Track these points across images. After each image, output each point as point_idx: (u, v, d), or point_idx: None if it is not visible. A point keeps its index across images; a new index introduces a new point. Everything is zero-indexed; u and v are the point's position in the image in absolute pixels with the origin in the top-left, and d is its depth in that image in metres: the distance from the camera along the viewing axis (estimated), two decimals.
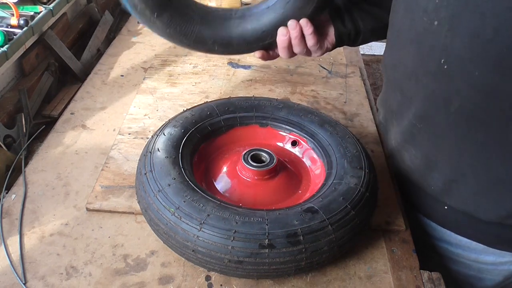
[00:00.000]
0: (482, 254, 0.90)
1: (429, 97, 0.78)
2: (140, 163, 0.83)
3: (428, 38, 0.74)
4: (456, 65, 0.71)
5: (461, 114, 0.74)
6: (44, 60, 1.25)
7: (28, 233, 0.82)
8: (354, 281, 0.77)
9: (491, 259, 0.90)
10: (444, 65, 0.72)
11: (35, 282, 0.74)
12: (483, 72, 0.68)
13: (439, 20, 0.71)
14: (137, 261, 0.78)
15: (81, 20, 1.49)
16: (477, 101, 0.71)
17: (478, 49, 0.67)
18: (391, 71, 0.87)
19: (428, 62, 0.75)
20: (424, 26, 0.74)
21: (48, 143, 1.02)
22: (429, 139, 0.83)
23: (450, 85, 0.73)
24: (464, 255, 0.92)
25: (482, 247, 0.88)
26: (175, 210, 0.71)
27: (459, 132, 0.77)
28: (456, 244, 0.91)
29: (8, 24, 1.11)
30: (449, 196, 0.85)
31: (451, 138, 0.79)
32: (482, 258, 0.90)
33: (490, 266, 0.91)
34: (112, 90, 1.22)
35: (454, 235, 0.90)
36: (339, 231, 0.72)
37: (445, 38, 0.71)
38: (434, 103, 0.78)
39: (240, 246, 0.68)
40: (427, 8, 0.72)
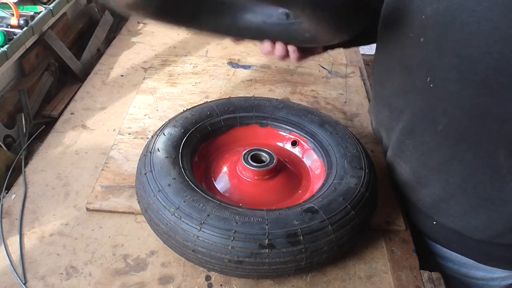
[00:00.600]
0: (473, 269, 0.88)
1: (416, 114, 0.77)
2: (140, 163, 0.83)
3: (415, 55, 0.71)
4: (442, 85, 0.69)
5: (448, 134, 0.73)
6: (44, 60, 1.25)
7: (28, 233, 0.82)
8: (354, 281, 0.77)
9: (481, 274, 0.88)
10: (430, 84, 0.70)
11: (35, 282, 0.74)
12: (470, 94, 0.66)
13: (425, 37, 0.69)
14: (137, 261, 0.78)
15: (81, 20, 1.49)
16: (465, 122, 0.70)
17: (464, 69, 0.65)
18: (379, 86, 0.86)
19: (414, 80, 0.73)
20: (411, 43, 0.72)
21: (48, 143, 1.02)
22: (417, 156, 0.81)
23: (437, 105, 0.71)
24: (454, 269, 0.90)
25: (472, 262, 0.87)
26: (175, 210, 0.71)
27: (446, 152, 0.75)
28: (446, 258, 0.90)
29: (8, 24, 1.11)
30: (438, 213, 0.84)
31: (439, 156, 0.77)
32: (473, 273, 0.89)
33: (480, 282, 0.90)
34: (112, 90, 1.22)
35: (444, 249, 0.89)
36: (339, 231, 0.72)
37: (431, 57, 0.69)
38: (422, 121, 0.76)
39: (240, 246, 0.68)
40: (414, 24, 0.70)
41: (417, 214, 0.89)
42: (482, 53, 0.62)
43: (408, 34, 0.72)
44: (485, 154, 0.71)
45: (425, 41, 0.69)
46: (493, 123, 0.67)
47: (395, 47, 0.76)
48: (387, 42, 0.79)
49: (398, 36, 0.75)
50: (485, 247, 0.83)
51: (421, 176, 0.83)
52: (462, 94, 0.67)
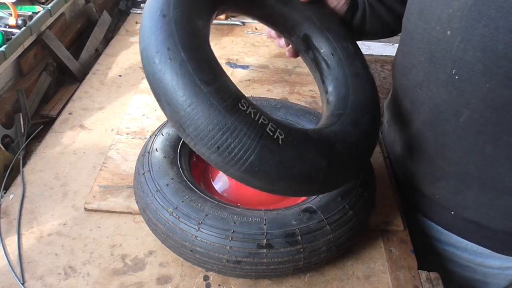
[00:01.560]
0: (488, 259, 0.89)
1: (438, 106, 0.78)
2: (138, 163, 0.83)
3: (440, 48, 0.73)
4: (467, 77, 0.70)
5: (469, 125, 0.74)
6: (42, 60, 1.25)
7: (26, 233, 0.82)
8: (352, 281, 0.77)
9: (497, 263, 0.89)
10: (455, 76, 0.72)
11: (33, 282, 0.74)
12: (494, 86, 0.68)
13: (452, 30, 0.70)
14: (135, 261, 0.78)
15: (79, 20, 1.48)
16: (487, 114, 0.71)
17: (489, 62, 0.67)
18: (401, 77, 0.87)
19: (439, 72, 0.75)
20: (437, 35, 0.73)
21: (46, 143, 1.02)
22: (437, 148, 0.82)
23: (460, 96, 0.73)
24: (470, 259, 0.91)
25: (488, 251, 0.88)
26: (173, 210, 0.71)
27: (467, 144, 0.77)
28: (462, 248, 0.91)
29: (6, 24, 1.11)
30: (455, 204, 0.85)
31: (459, 148, 0.78)
32: (488, 263, 0.90)
33: (496, 271, 0.91)
34: (110, 90, 1.22)
35: (460, 239, 0.90)
36: (337, 231, 0.72)
37: (457, 49, 0.70)
38: (443, 113, 0.77)
39: (238, 246, 0.68)
40: (440, 17, 0.72)
41: (433, 207, 0.91)
42: (507, 47, 0.64)
43: (435, 27, 0.73)
44: (505, 146, 0.73)
45: (452, 34, 0.70)
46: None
47: (420, 39, 0.78)
48: (412, 34, 0.80)
49: (424, 29, 0.76)
50: (502, 236, 0.84)
51: (438, 169, 0.84)
52: (486, 86, 0.69)
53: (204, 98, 0.58)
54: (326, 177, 0.67)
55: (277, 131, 0.61)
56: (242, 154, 0.59)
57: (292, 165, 0.62)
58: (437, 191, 0.87)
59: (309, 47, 0.86)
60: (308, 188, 0.68)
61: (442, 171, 0.83)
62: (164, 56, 0.59)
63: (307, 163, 0.64)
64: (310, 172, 0.64)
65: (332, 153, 0.67)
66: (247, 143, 0.59)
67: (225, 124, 0.58)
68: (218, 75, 0.61)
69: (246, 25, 1.61)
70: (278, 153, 0.61)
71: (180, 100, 0.59)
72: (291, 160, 0.62)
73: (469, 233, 0.88)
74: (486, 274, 0.93)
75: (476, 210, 0.83)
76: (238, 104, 0.60)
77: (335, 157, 0.67)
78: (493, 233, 0.84)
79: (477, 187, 0.80)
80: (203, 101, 0.58)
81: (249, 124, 0.60)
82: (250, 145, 0.59)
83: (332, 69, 0.83)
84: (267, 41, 1.50)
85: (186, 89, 0.58)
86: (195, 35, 0.63)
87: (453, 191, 0.83)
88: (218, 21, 1.59)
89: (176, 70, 0.59)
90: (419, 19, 0.78)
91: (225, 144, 0.59)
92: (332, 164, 0.66)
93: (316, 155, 0.65)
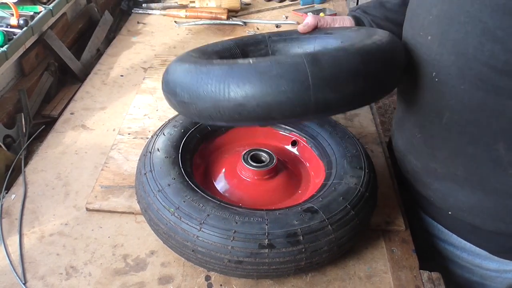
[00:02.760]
0: (486, 260, 0.89)
1: (424, 108, 0.80)
2: (140, 163, 0.83)
3: (423, 52, 0.77)
4: (445, 80, 0.73)
5: (451, 126, 0.76)
6: (43, 60, 1.25)
7: (28, 233, 0.82)
8: (354, 281, 0.77)
9: (494, 266, 0.89)
10: (435, 79, 0.75)
11: (35, 282, 0.74)
12: (468, 88, 0.71)
13: (431, 35, 0.74)
14: (137, 261, 0.78)
15: (81, 20, 1.49)
16: (465, 115, 0.73)
17: (462, 65, 0.70)
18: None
19: (423, 75, 0.78)
20: (421, 40, 0.77)
21: (47, 143, 1.02)
22: (427, 150, 0.84)
23: (441, 99, 0.76)
24: (468, 260, 0.91)
25: (486, 253, 0.88)
26: (175, 210, 0.71)
27: (451, 145, 0.78)
28: (461, 247, 0.91)
29: (8, 24, 1.11)
30: (450, 206, 0.86)
31: (446, 150, 0.80)
32: (486, 264, 0.90)
33: (493, 273, 0.91)
34: (112, 90, 1.22)
35: (459, 239, 0.90)
36: (338, 231, 0.72)
37: (436, 53, 0.74)
38: (428, 115, 0.80)
39: (240, 246, 0.68)
40: (423, 23, 0.76)
41: (431, 208, 0.92)
42: (475, 50, 0.67)
43: (419, 33, 0.77)
44: (486, 147, 0.74)
45: (431, 39, 0.74)
46: (490, 117, 0.71)
47: (410, 44, 0.81)
48: (405, 40, 0.84)
49: (412, 34, 0.80)
50: (497, 238, 0.84)
51: (431, 170, 0.85)
52: (461, 88, 0.71)
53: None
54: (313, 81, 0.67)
55: (248, 59, 0.66)
56: (221, 89, 0.65)
57: None
58: (432, 193, 0.88)
59: None
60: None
61: (435, 173, 0.84)
62: None
63: None
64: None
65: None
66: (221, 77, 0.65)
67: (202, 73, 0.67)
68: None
69: (248, 25, 1.61)
70: (253, 70, 0.64)
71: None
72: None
73: (467, 234, 0.89)
74: (483, 276, 0.93)
75: (469, 211, 0.83)
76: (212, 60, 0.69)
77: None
78: (486, 234, 0.84)
79: (467, 189, 0.80)
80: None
81: (220, 66, 0.67)
82: (225, 73, 0.65)
83: None
84: None
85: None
86: None
87: (447, 193, 0.84)
88: (220, 21, 1.59)
89: None
90: (409, 26, 0.82)
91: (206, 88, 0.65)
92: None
93: None
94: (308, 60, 0.63)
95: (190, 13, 1.62)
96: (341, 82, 0.65)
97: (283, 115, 0.66)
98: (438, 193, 0.86)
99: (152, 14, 1.66)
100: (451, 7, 0.70)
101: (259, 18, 1.67)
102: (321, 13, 1.67)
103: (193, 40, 1.50)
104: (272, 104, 0.63)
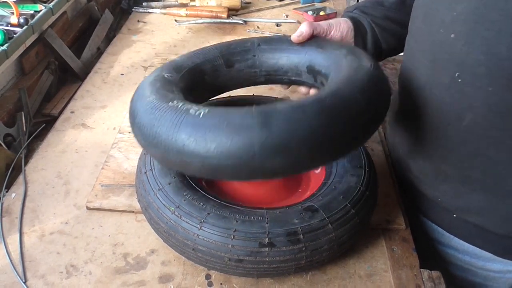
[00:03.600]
0: (489, 262, 0.89)
1: (441, 109, 0.78)
2: (140, 162, 0.82)
3: (444, 51, 0.73)
4: (470, 80, 0.70)
5: (472, 129, 0.74)
6: (44, 58, 1.25)
7: (28, 231, 0.82)
8: (354, 279, 0.77)
9: (498, 267, 0.89)
10: (458, 79, 0.72)
11: (35, 281, 0.74)
12: (497, 89, 0.68)
13: (455, 33, 0.70)
14: (137, 259, 0.78)
15: (81, 19, 1.49)
16: (490, 118, 0.71)
17: (492, 65, 0.67)
18: (405, 80, 0.87)
19: (442, 74, 0.75)
20: (441, 38, 0.73)
21: (48, 142, 1.02)
22: (439, 152, 0.82)
23: (463, 100, 0.73)
24: (471, 262, 0.91)
25: (489, 255, 0.88)
26: (175, 209, 0.71)
27: (469, 147, 0.76)
28: (463, 250, 0.90)
29: (8, 23, 1.11)
30: (458, 208, 0.85)
31: (461, 152, 0.78)
32: (489, 266, 0.90)
33: (496, 274, 0.91)
34: (112, 89, 1.22)
35: (462, 242, 0.89)
36: (339, 229, 0.72)
37: (460, 52, 0.70)
38: (446, 117, 0.77)
39: (240, 244, 0.68)
40: (444, 20, 0.72)
41: (435, 210, 0.90)
42: (509, 50, 0.64)
43: (438, 30, 0.73)
44: (508, 150, 0.73)
45: (455, 37, 0.70)
46: None
47: (424, 42, 0.78)
48: (416, 37, 0.81)
49: (428, 31, 0.76)
50: (504, 240, 0.84)
51: (441, 172, 0.84)
52: (489, 89, 0.69)
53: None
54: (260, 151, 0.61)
55: (200, 109, 0.61)
56: (170, 135, 0.61)
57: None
58: (440, 194, 0.86)
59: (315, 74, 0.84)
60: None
61: (444, 175, 0.83)
62: None
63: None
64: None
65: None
66: (172, 124, 0.61)
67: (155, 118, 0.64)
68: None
69: (248, 23, 1.61)
70: (200, 124, 0.60)
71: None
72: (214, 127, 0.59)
73: (471, 237, 0.88)
74: (487, 277, 0.92)
75: (478, 213, 0.82)
76: (168, 103, 0.65)
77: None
78: (495, 237, 0.84)
79: (479, 191, 0.79)
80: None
81: (174, 112, 0.62)
82: (174, 125, 0.61)
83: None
84: None
85: None
86: None
87: (456, 195, 0.83)
88: (220, 20, 1.59)
89: None
90: (424, 23, 0.78)
91: (157, 132, 0.62)
92: None
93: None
94: (259, 121, 0.57)
95: (191, 12, 1.62)
96: (292, 150, 0.58)
97: (228, 177, 0.63)
98: (446, 194, 0.85)
99: (153, 12, 1.66)
100: (480, 4, 0.66)
101: (260, 16, 1.67)
102: (322, 12, 1.67)
103: (193, 39, 1.50)
104: (216, 167, 0.59)
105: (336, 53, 0.79)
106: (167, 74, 0.77)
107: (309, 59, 0.84)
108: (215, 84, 0.86)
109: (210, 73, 0.85)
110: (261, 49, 0.88)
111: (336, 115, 0.61)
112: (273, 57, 0.88)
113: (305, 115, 0.59)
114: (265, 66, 0.89)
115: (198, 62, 0.84)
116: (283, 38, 0.90)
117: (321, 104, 0.61)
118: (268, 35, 1.52)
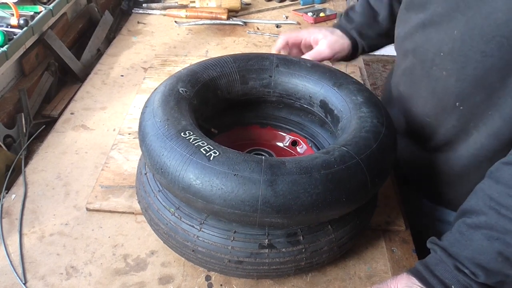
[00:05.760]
0: None
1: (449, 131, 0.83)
2: (140, 163, 0.82)
3: (440, 85, 0.79)
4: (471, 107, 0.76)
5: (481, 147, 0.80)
6: (44, 60, 1.25)
7: (28, 233, 0.82)
8: (354, 281, 0.77)
9: None
10: (460, 107, 0.78)
11: (35, 282, 0.74)
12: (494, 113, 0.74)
13: (447, 71, 0.77)
14: (137, 261, 0.78)
15: (81, 20, 1.49)
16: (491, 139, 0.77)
17: (488, 96, 0.73)
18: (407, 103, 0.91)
19: (444, 104, 0.80)
20: (435, 74, 0.79)
21: (48, 143, 1.02)
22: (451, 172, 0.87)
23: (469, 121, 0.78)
24: None
25: None
26: (175, 210, 0.71)
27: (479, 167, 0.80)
28: None
29: (8, 24, 1.11)
30: None
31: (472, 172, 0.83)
32: None
33: None
34: (112, 90, 1.22)
35: None
36: (339, 231, 0.72)
37: (455, 86, 0.77)
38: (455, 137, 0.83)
39: (240, 246, 0.68)
40: (434, 59, 0.78)
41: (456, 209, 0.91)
42: (501, 81, 0.71)
43: (431, 67, 0.80)
44: None
45: (447, 74, 0.78)
46: None
47: (420, 76, 0.83)
48: (411, 70, 0.87)
49: (422, 67, 0.82)
50: None
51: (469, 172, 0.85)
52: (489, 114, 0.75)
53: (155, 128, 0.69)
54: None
55: (211, 150, 0.64)
56: (178, 170, 0.64)
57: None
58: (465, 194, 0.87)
59: (327, 111, 0.85)
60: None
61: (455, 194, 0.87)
62: None
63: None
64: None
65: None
66: (181, 160, 0.64)
67: (165, 147, 0.66)
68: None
69: (248, 25, 1.61)
70: (209, 169, 0.62)
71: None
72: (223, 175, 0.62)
73: None
74: None
75: None
76: (180, 133, 0.67)
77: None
78: None
79: None
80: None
81: (185, 146, 0.65)
82: (183, 162, 0.63)
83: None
84: (269, 40, 1.50)
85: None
86: None
87: None
88: (220, 21, 1.59)
89: None
90: (415, 58, 0.84)
91: (165, 163, 0.65)
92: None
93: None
94: (267, 179, 0.61)
95: (190, 13, 1.62)
96: (293, 211, 0.62)
97: (229, 220, 0.67)
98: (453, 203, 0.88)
99: (152, 14, 1.66)
100: (463, 46, 0.72)
101: (259, 18, 1.67)
102: (321, 13, 1.67)
103: (193, 40, 1.50)
104: (218, 212, 0.63)
105: (352, 99, 0.80)
106: (182, 89, 0.78)
107: (324, 95, 0.85)
108: (227, 99, 0.87)
109: (224, 88, 0.85)
110: (278, 71, 0.88)
111: (341, 186, 0.64)
112: (289, 82, 0.88)
113: (311, 181, 0.62)
114: (279, 88, 0.89)
115: (214, 75, 0.83)
116: (302, 62, 0.89)
117: (327, 173, 0.64)
118: (269, 35, 1.53)
